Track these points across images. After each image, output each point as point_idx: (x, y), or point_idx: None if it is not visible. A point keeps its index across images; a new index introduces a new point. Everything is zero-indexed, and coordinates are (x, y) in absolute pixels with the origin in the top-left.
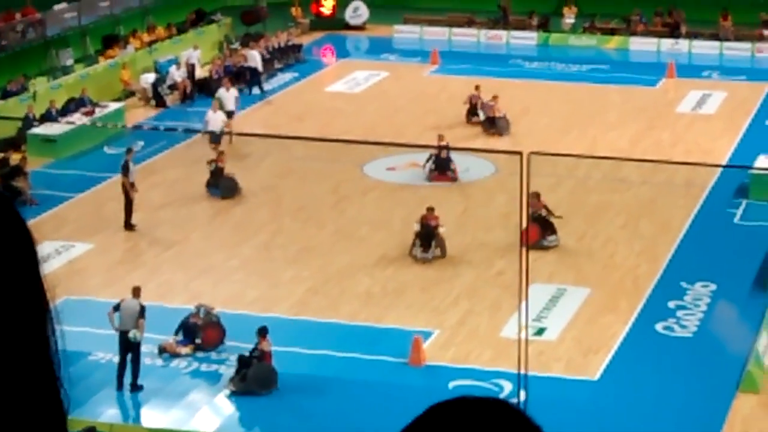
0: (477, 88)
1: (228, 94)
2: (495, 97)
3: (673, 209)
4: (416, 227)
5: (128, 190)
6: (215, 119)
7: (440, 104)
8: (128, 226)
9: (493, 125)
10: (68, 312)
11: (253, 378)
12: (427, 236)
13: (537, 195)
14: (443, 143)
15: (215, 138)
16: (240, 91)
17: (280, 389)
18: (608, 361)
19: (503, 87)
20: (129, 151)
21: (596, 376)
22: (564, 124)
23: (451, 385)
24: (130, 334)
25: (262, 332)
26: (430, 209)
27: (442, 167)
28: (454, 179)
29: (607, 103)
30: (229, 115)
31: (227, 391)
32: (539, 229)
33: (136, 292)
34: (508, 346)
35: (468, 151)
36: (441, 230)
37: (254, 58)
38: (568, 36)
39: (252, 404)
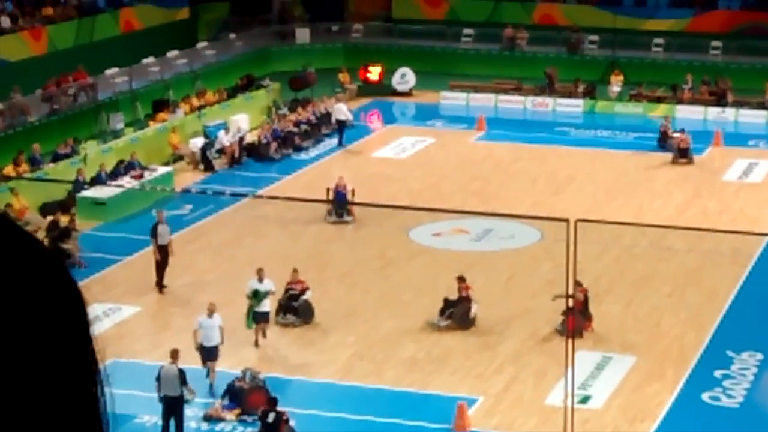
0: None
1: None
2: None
3: (720, 278)
4: (447, 295)
5: (155, 252)
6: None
7: (486, 170)
8: (159, 286)
9: None
10: (115, 374)
11: None
12: (452, 305)
13: (579, 284)
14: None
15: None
16: (286, 156)
17: None
18: (654, 430)
19: (549, 154)
20: (158, 212)
21: None
22: (610, 192)
23: None
24: (186, 395)
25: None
26: (461, 279)
27: None
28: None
29: (653, 172)
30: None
31: None
32: (580, 317)
33: (175, 355)
34: (553, 414)
35: (514, 218)
36: (473, 306)
37: (341, 110)
38: (615, 104)
39: None
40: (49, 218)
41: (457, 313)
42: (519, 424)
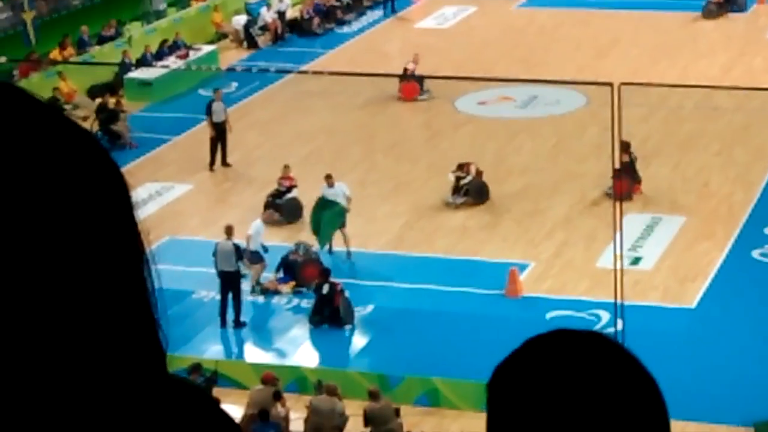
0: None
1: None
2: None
3: (767, 135)
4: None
5: (210, 129)
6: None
7: (528, 38)
8: (224, 163)
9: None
10: (171, 252)
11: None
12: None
13: (628, 145)
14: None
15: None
16: (329, 31)
17: (379, 323)
18: (705, 288)
19: (591, 18)
20: (215, 91)
21: (693, 304)
22: (654, 54)
23: (549, 315)
24: (243, 270)
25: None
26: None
27: None
28: None
29: (698, 31)
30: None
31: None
32: (629, 180)
33: (229, 231)
34: (604, 276)
35: (559, 84)
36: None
37: None
38: None
39: (350, 338)
40: (98, 100)
41: (472, 188)
42: (570, 287)
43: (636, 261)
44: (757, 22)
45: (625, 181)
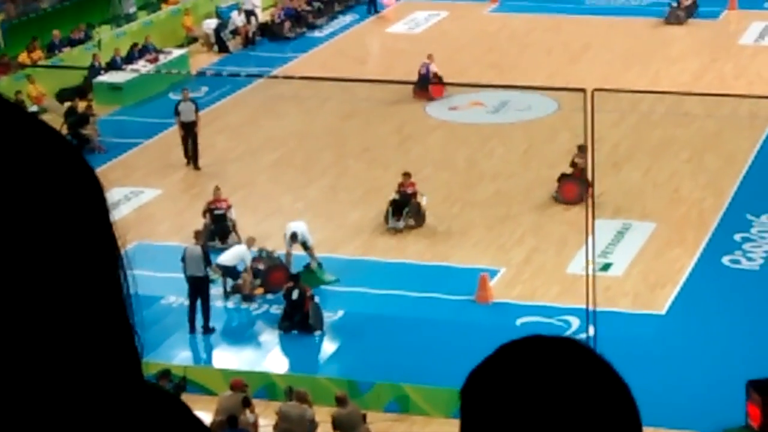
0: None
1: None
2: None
3: (738, 142)
4: (393, 195)
5: (179, 129)
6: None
7: (500, 43)
8: (194, 163)
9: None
10: (139, 257)
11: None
12: (402, 204)
13: (585, 148)
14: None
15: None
16: (300, 35)
17: (349, 329)
18: (675, 295)
19: (564, 23)
20: (183, 90)
21: (663, 311)
22: (626, 60)
23: (519, 322)
24: (211, 275)
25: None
26: (407, 174)
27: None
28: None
29: (669, 37)
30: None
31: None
32: (578, 185)
33: (198, 236)
34: (574, 282)
35: (530, 89)
36: (422, 200)
37: None
38: None
39: (320, 344)
40: (67, 104)
41: (412, 211)
42: (541, 293)
43: (606, 267)
44: (728, 29)
45: (574, 185)
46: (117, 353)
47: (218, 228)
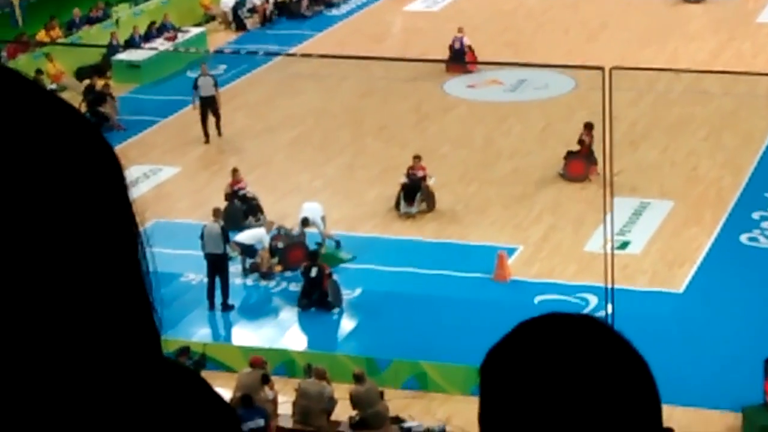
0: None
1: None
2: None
3: (756, 120)
4: (403, 179)
5: (196, 105)
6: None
7: (517, 21)
8: (207, 137)
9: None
10: (158, 234)
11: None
12: (413, 189)
13: (591, 126)
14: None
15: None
16: (318, 13)
17: (367, 306)
18: (693, 273)
19: (581, 1)
20: (202, 64)
21: (681, 289)
22: (643, 38)
23: (537, 299)
24: (229, 252)
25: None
26: (417, 158)
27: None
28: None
29: (686, 15)
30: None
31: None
32: (584, 162)
33: (216, 213)
34: (592, 260)
35: (547, 67)
36: (430, 181)
37: None
38: None
39: (338, 322)
40: (86, 82)
41: (423, 195)
42: (559, 271)
43: (624, 245)
44: (746, 7)
45: (581, 162)
46: (137, 330)
47: (249, 208)
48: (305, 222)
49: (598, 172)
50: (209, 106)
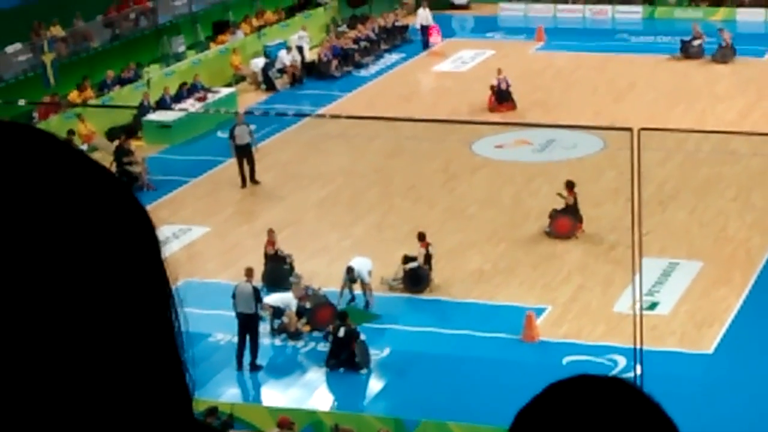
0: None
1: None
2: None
3: None
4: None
5: (233, 151)
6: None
7: (546, 81)
8: (244, 183)
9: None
10: (188, 294)
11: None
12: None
13: (572, 185)
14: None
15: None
16: (347, 74)
17: (396, 366)
18: (722, 334)
19: (609, 62)
20: (236, 114)
21: (711, 350)
22: (671, 98)
23: (565, 360)
24: (261, 313)
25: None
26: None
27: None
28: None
29: (715, 76)
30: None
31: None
32: (570, 220)
33: (249, 273)
34: (620, 321)
35: (576, 128)
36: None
37: (424, 16)
38: (674, 9)
39: (366, 382)
40: (116, 142)
41: (411, 275)
42: (587, 332)
43: (653, 306)
44: None
45: (568, 220)
46: (170, 391)
47: (286, 268)
48: (350, 271)
49: (584, 230)
50: (245, 154)
